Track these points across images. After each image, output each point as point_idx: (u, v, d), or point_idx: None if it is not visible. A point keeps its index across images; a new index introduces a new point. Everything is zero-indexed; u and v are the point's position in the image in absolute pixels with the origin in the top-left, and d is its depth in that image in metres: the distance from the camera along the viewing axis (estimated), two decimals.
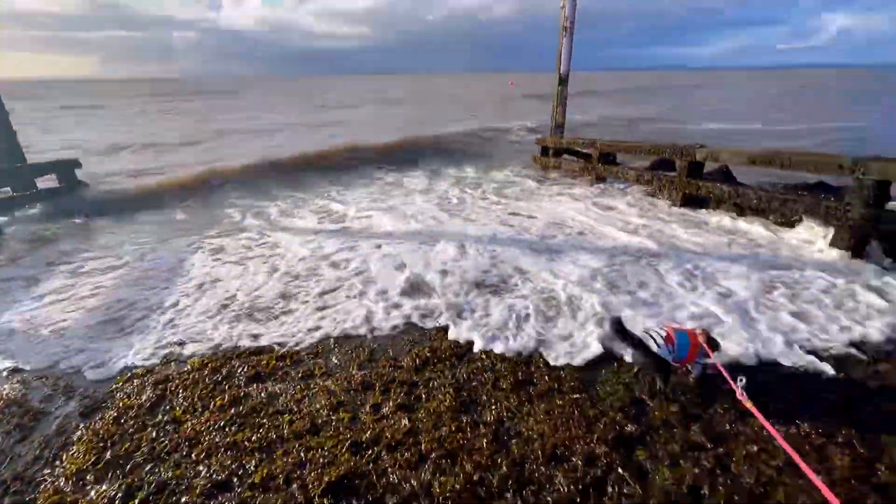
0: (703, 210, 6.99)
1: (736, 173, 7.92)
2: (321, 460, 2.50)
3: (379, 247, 5.84)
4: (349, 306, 4.33)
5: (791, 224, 6.02)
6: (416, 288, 4.66)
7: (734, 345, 3.44)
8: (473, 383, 3.18)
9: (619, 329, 2.96)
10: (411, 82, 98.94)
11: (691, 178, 7.09)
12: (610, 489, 2.27)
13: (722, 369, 2.58)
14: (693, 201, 7.18)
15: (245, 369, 3.40)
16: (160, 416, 2.94)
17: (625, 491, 2.25)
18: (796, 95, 38.11)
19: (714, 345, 2.90)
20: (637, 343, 2.90)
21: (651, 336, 2.87)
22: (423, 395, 3.07)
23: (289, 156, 12.13)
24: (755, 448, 2.51)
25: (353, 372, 3.35)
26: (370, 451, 2.57)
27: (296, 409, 2.96)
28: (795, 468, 2.37)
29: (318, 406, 2.98)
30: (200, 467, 2.53)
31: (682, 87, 56.80)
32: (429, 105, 32.84)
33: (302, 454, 2.56)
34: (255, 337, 3.86)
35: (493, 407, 2.92)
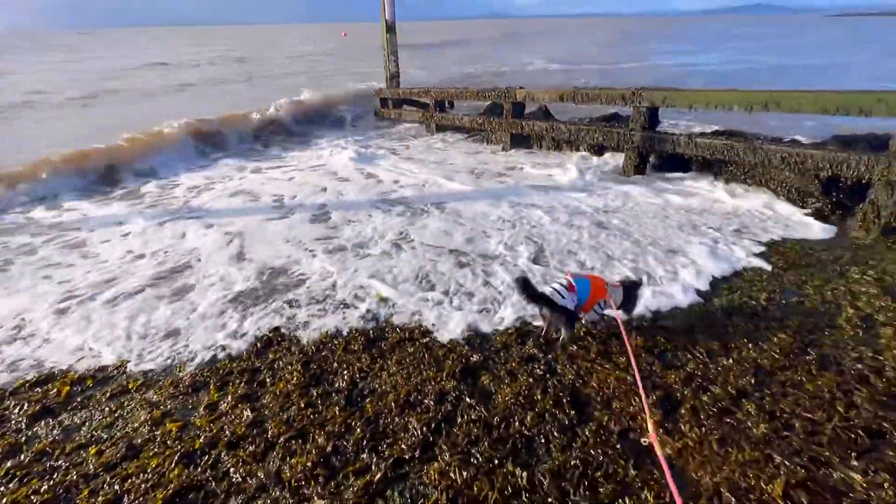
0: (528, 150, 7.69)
1: (554, 111, 8.83)
2: (143, 486, 2.12)
3: (210, 226, 5.10)
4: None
5: (600, 152, 6.99)
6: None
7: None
8: (323, 353, 3.03)
9: (527, 289, 2.80)
10: (229, 37, 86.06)
11: (516, 119, 7.65)
12: (459, 419, 2.40)
13: (620, 322, 2.75)
14: (519, 140, 7.80)
15: (25, 407, 2.68)
16: None
17: (472, 417, 2.41)
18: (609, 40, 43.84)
19: (634, 285, 3.05)
20: (545, 299, 2.78)
21: (556, 290, 2.79)
22: (268, 380, 2.81)
23: None
24: (575, 348, 2.91)
25: (180, 374, 2.89)
26: (207, 457, 2.27)
27: (105, 437, 2.45)
28: (606, 357, 2.84)
29: (136, 425, 2.51)
30: None
31: (528, 34, 60.53)
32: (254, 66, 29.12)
33: (117, 487, 2.13)
34: (38, 363, 3.06)
35: (346, 371, 2.83)
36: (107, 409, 2.65)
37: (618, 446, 2.19)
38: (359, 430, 2.36)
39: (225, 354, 3.06)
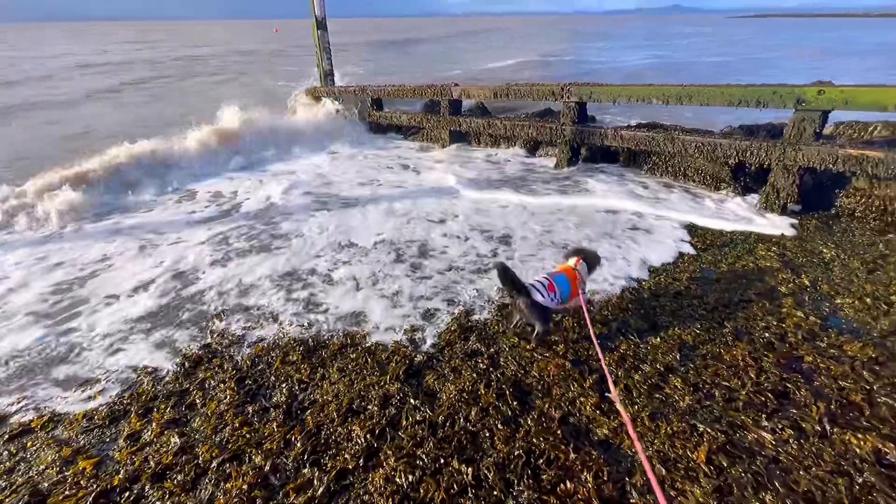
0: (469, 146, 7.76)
1: (491, 108, 8.98)
2: None
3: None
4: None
5: (534, 149, 7.20)
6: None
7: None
8: (259, 367, 2.87)
9: (506, 276, 2.77)
10: (145, 32, 79.46)
11: (454, 116, 7.69)
12: (404, 422, 2.37)
13: (584, 303, 2.79)
14: (458, 137, 7.86)
15: None
16: None
17: (417, 418, 2.38)
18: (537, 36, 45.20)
19: (590, 254, 3.08)
20: (522, 289, 2.74)
21: (536, 288, 2.76)
22: (199, 401, 2.62)
23: None
24: (516, 339, 2.97)
25: (94, 405, 2.62)
26: (128, 493, 2.07)
27: (5, 485, 2.16)
28: (546, 345, 2.92)
29: (41, 467, 2.24)
30: None
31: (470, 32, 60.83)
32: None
33: None
34: None
35: (284, 384, 2.70)
36: (5, 453, 2.34)
37: (559, 432, 2.25)
38: (299, 444, 2.26)
39: (149, 378, 2.82)
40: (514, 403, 2.44)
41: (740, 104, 4.79)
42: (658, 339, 2.91)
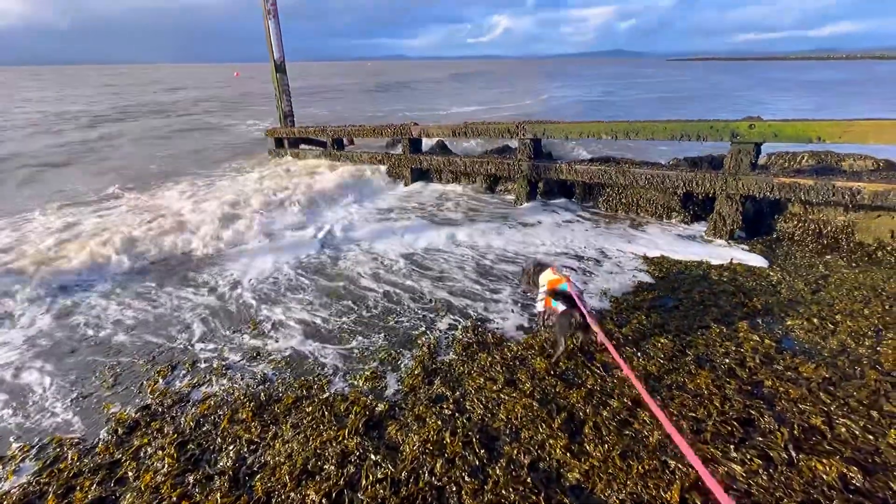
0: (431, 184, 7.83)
1: (452, 145, 9.16)
2: None
3: None
4: None
5: (493, 186, 7.36)
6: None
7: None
8: (204, 428, 2.61)
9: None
10: (96, 75, 77.77)
11: (414, 154, 7.77)
12: (364, 481, 2.18)
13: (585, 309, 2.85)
14: (419, 174, 7.93)
15: None
16: None
17: (378, 475, 2.20)
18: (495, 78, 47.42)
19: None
20: (570, 298, 2.85)
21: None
22: (131, 473, 2.33)
23: None
24: (482, 380, 2.86)
25: (6, 487, 2.28)
26: None
27: None
28: (513, 385, 2.82)
29: None
30: None
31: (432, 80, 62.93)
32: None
33: None
34: None
35: (231, 447, 2.46)
36: None
37: (528, 480, 2.13)
38: None
39: (74, 450, 2.50)
40: (482, 451, 2.30)
41: (682, 138, 5.09)
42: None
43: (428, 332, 3.49)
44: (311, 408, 2.70)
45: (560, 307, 2.89)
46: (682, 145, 6.09)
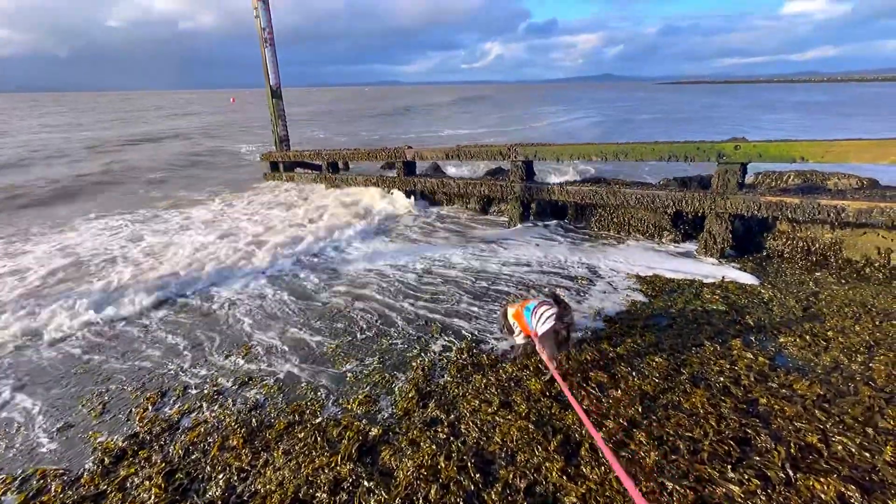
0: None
1: (445, 167, 9.30)
2: None
3: None
4: None
5: (486, 208, 7.44)
6: None
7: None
8: (193, 456, 2.55)
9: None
10: (92, 101, 78.58)
11: (408, 177, 7.87)
12: None
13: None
14: (414, 196, 8.01)
15: None
16: None
17: (372, 503, 2.15)
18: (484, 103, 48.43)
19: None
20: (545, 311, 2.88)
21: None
22: None
23: None
24: (477, 402, 2.84)
25: None
26: None
27: None
28: (507, 407, 2.80)
29: None
30: None
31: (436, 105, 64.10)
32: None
33: None
34: None
35: (221, 475, 2.40)
36: None
37: None
38: None
39: (58, 482, 2.43)
40: (477, 476, 2.26)
41: (670, 159, 5.20)
42: (619, 391, 2.87)
43: (422, 353, 3.46)
44: (303, 433, 2.66)
45: (541, 326, 2.84)
46: (672, 165, 6.23)
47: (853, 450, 2.31)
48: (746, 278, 4.52)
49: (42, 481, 2.43)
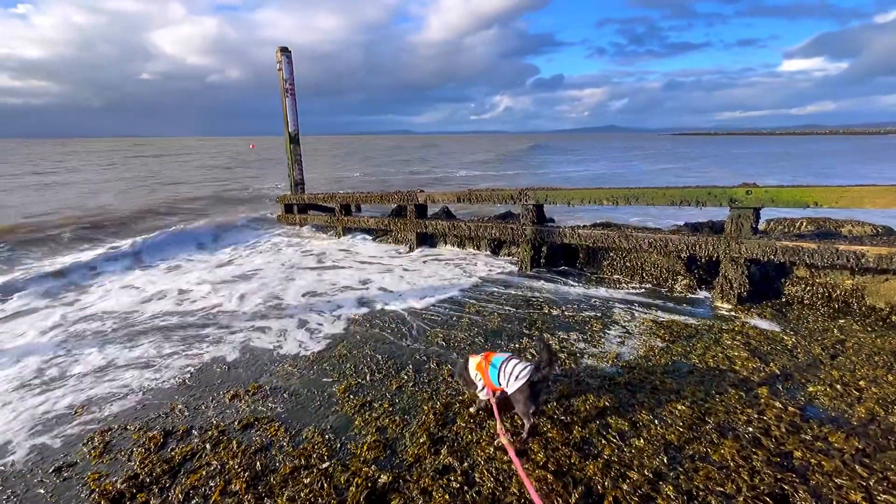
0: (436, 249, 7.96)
1: (455, 210, 9.43)
2: None
3: None
4: None
5: (497, 251, 7.46)
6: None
7: None
8: (193, 501, 2.43)
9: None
10: (126, 148, 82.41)
11: (420, 219, 7.98)
12: None
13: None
14: (424, 239, 8.08)
15: None
16: None
17: None
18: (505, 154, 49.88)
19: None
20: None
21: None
22: None
23: None
24: (491, 449, 2.70)
25: None
26: None
27: None
28: (523, 454, 2.66)
29: None
30: None
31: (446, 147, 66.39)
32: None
33: None
34: None
35: None
36: None
37: None
38: None
39: None
40: None
41: (682, 204, 5.23)
42: (641, 440, 2.72)
43: (434, 397, 3.34)
44: (309, 479, 2.53)
45: (514, 382, 2.65)
46: (680, 213, 6.24)
47: None
48: (767, 325, 4.40)
49: None
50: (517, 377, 2.65)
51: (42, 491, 2.54)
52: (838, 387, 3.23)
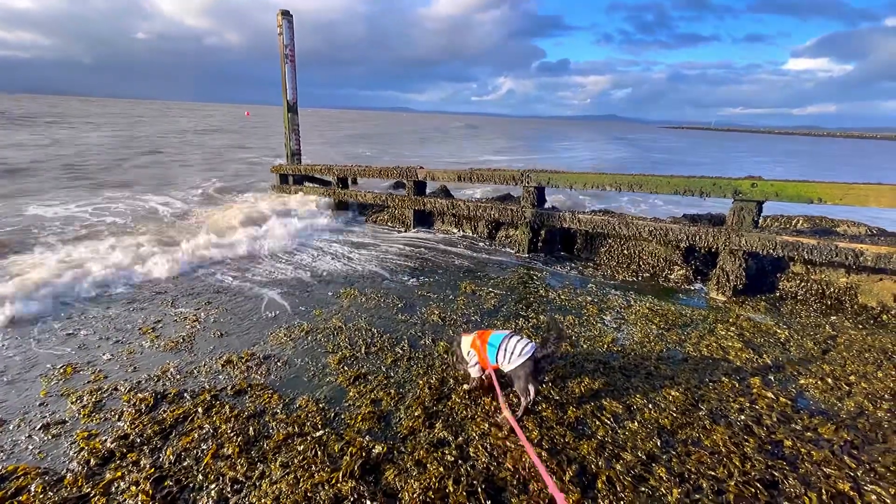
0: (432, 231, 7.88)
1: (453, 190, 9.33)
2: None
3: None
4: None
5: (493, 234, 7.41)
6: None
7: None
8: (184, 463, 2.40)
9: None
10: (110, 108, 79.96)
11: (418, 196, 7.87)
12: None
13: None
14: (421, 217, 7.99)
15: None
16: None
17: None
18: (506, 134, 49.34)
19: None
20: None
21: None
22: None
23: None
24: (486, 425, 2.70)
25: None
26: None
27: None
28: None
29: None
30: None
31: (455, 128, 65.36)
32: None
33: None
34: None
35: (213, 485, 2.25)
36: None
37: None
38: None
39: (39, 482, 2.27)
40: (488, 503, 2.12)
41: (685, 193, 5.20)
42: (635, 423, 2.74)
43: (429, 371, 3.33)
44: (302, 446, 2.51)
45: (516, 358, 2.65)
46: (681, 204, 6.22)
47: (888, 500, 2.17)
48: (760, 318, 4.43)
49: (22, 481, 2.28)
50: (520, 353, 2.64)
51: None
52: (829, 380, 3.27)
